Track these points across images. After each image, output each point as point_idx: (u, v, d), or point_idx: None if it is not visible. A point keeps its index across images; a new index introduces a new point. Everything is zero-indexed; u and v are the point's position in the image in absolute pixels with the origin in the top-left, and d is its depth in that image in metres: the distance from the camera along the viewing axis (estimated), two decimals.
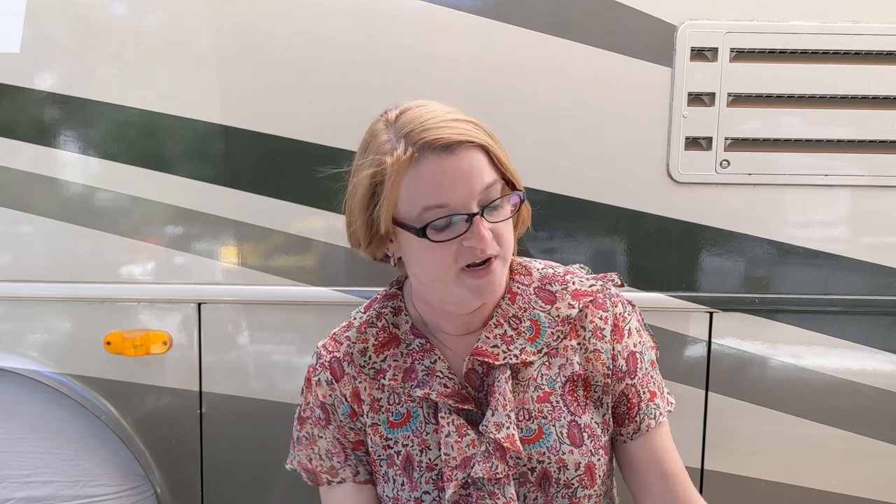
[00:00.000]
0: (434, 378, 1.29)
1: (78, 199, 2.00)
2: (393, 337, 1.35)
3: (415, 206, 1.18)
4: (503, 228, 1.22)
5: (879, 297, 2.01)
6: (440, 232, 1.18)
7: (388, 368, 1.32)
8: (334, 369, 1.34)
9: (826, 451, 2.07)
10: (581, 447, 1.31)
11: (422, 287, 1.30)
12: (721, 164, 1.95)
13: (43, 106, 1.98)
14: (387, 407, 1.32)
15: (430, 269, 1.23)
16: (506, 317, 1.32)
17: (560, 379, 1.31)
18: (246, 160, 1.99)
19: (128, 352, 2.00)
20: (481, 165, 1.20)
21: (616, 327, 1.34)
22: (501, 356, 1.28)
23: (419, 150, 1.17)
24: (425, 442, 1.30)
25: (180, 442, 2.07)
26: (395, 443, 1.31)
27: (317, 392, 1.35)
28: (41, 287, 2.02)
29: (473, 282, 1.21)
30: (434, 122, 1.19)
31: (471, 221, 1.18)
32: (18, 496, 2.09)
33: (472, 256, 1.19)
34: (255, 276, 2.01)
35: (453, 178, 1.17)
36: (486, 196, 1.19)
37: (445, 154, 1.17)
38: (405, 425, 1.31)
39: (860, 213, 2.00)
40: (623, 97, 1.94)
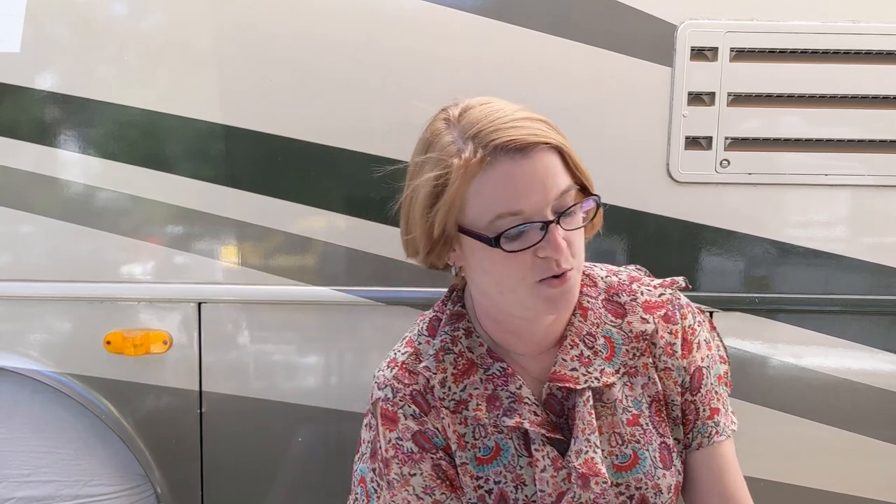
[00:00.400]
0: (522, 405, 1.19)
1: (78, 198, 2.00)
2: (470, 363, 1.23)
3: (485, 213, 1.10)
4: (576, 236, 1.14)
5: (880, 296, 2.00)
6: (513, 241, 1.09)
7: (469, 398, 1.21)
8: (419, 402, 1.22)
9: (826, 451, 2.07)
10: (671, 469, 1.25)
11: (489, 301, 1.22)
12: (721, 163, 1.95)
13: (43, 105, 1.98)
14: (472, 442, 1.21)
15: (501, 281, 1.14)
16: (580, 335, 1.24)
17: (645, 399, 1.25)
18: (246, 160, 1.98)
19: (128, 351, 2.00)
20: (556, 169, 1.12)
21: (685, 342, 1.26)
22: (582, 380, 1.20)
23: (490, 152, 1.09)
24: (520, 477, 1.20)
25: (180, 441, 2.07)
26: (486, 480, 1.21)
27: (407, 424, 1.22)
28: (41, 286, 2.01)
29: (549, 292, 1.12)
30: (504, 122, 1.11)
31: (546, 230, 1.09)
32: (19, 495, 2.09)
33: (548, 270, 1.11)
34: (256, 275, 2.01)
35: (528, 183, 1.09)
36: (561, 202, 1.11)
37: (519, 157, 1.09)
38: (495, 460, 1.21)
39: (860, 212, 2.00)
40: (623, 97, 1.94)
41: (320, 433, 2.05)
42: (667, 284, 1.31)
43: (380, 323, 2.01)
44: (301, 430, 2.05)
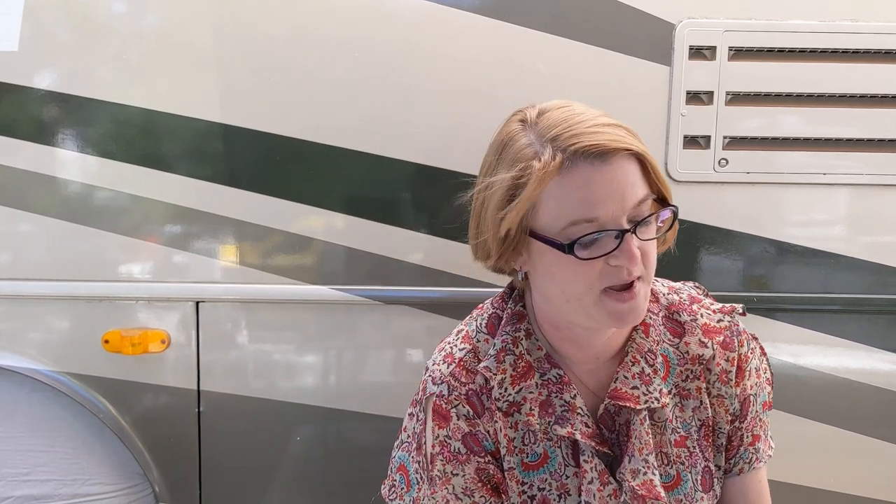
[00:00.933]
0: (575, 416, 1.19)
1: (77, 197, 2.00)
2: (529, 367, 1.21)
3: (560, 218, 1.08)
4: (650, 249, 1.13)
5: (878, 295, 2.00)
6: (586, 248, 1.08)
7: (522, 402, 1.20)
8: (473, 403, 1.21)
9: (824, 450, 2.07)
10: (709, 493, 1.25)
11: (552, 307, 1.20)
12: (719, 162, 1.95)
13: (42, 104, 1.98)
14: (521, 447, 1.20)
15: (567, 289, 1.12)
16: (641, 352, 1.22)
17: (695, 423, 1.24)
18: (245, 159, 1.98)
19: (126, 350, 2.00)
20: (635, 177, 1.09)
21: (739, 369, 1.25)
22: (642, 399, 1.19)
23: (570, 157, 1.07)
24: (564, 486, 1.20)
25: (178, 440, 2.07)
26: (531, 486, 1.20)
27: (458, 424, 1.20)
28: (40, 285, 2.01)
29: (616, 306, 1.11)
30: (585, 127, 1.09)
31: (621, 238, 1.07)
32: (17, 494, 2.09)
33: (618, 277, 1.09)
34: (254, 274, 2.01)
35: (606, 190, 1.07)
36: (637, 211, 1.09)
37: (599, 163, 1.07)
38: (542, 467, 1.20)
39: (859, 211, 2.00)
40: (621, 96, 1.94)
41: (319, 432, 2.05)
42: (727, 311, 1.29)
43: (378, 322, 2.01)
44: (299, 430, 2.05)
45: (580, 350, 1.22)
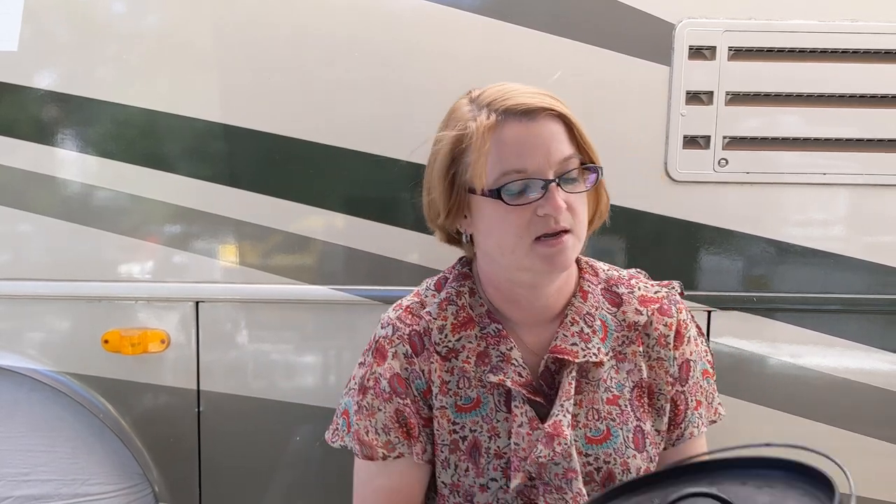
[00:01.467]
0: (509, 365, 1.28)
1: (76, 197, 2.00)
2: (469, 318, 1.32)
3: (493, 171, 1.20)
4: (577, 204, 1.23)
5: (877, 295, 2.01)
6: (515, 196, 1.20)
7: (461, 349, 1.30)
8: (414, 343, 1.32)
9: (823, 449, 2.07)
10: (643, 452, 1.32)
11: (493, 266, 1.30)
12: (719, 162, 1.95)
13: (41, 104, 1.98)
14: (455, 390, 1.30)
15: (503, 242, 1.23)
16: (580, 314, 1.32)
17: (629, 384, 1.32)
18: (244, 159, 1.99)
19: (126, 350, 2.00)
20: (561, 136, 1.22)
21: (678, 334, 1.35)
22: (581, 354, 1.28)
23: (501, 114, 1.20)
24: (495, 429, 1.28)
25: (178, 440, 2.07)
26: (462, 427, 1.29)
27: (392, 364, 1.31)
28: (39, 285, 2.01)
29: (546, 250, 1.21)
30: (517, 93, 1.23)
31: (546, 188, 1.19)
32: (17, 494, 2.09)
33: (546, 226, 1.20)
34: (253, 274, 2.01)
35: (533, 144, 1.20)
36: (563, 167, 1.21)
37: (526, 120, 1.20)
38: (474, 410, 1.29)
39: (859, 211, 2.00)
40: (621, 96, 1.94)
41: (318, 432, 2.04)
42: (664, 285, 1.40)
43: (377, 322, 2.01)
44: (299, 429, 2.05)
45: (520, 310, 1.32)
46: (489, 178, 1.21)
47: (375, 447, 1.30)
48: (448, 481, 1.30)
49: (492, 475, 1.27)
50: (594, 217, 1.35)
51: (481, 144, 1.20)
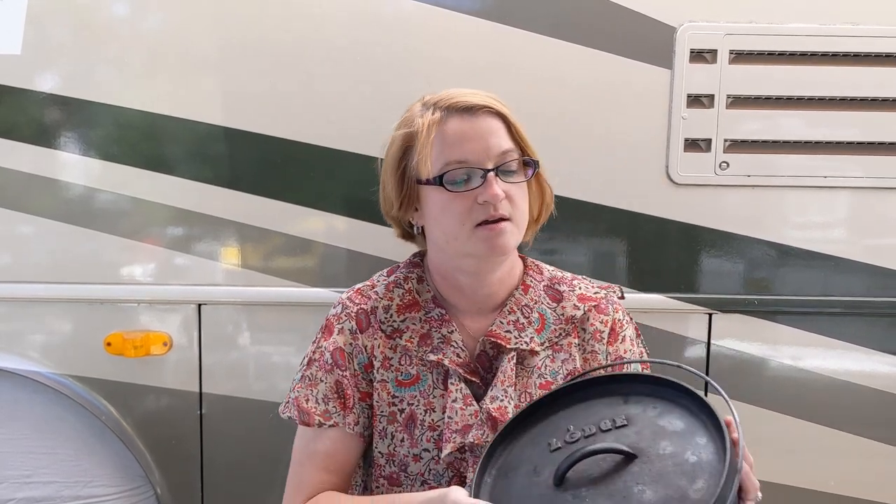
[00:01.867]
0: (449, 347, 1.38)
1: (79, 200, 2.00)
2: (415, 301, 1.42)
3: (438, 162, 1.31)
4: (516, 195, 1.33)
5: (878, 298, 2.01)
6: (457, 185, 1.30)
7: (405, 330, 1.40)
8: (360, 320, 1.41)
9: (824, 452, 2.07)
10: None
11: (440, 254, 1.40)
12: (720, 165, 1.96)
13: (44, 107, 1.99)
14: (397, 366, 1.39)
15: (448, 229, 1.33)
16: (519, 305, 1.42)
17: (562, 372, 1.40)
18: (246, 162, 1.99)
19: (128, 353, 2.01)
20: (500, 132, 1.33)
21: (613, 331, 1.44)
22: (513, 341, 1.38)
23: (444, 111, 1.32)
24: (431, 404, 1.37)
25: (180, 443, 2.07)
26: (401, 401, 1.38)
27: (337, 339, 1.41)
28: (42, 288, 2.02)
29: (485, 234, 1.30)
30: (461, 94, 1.34)
31: (485, 178, 1.29)
32: (19, 496, 2.10)
33: (485, 213, 1.29)
34: (255, 277, 2.02)
35: (473, 137, 1.30)
36: (501, 159, 1.31)
37: (468, 116, 1.31)
38: (413, 385, 1.39)
39: (859, 214, 2.01)
40: (623, 99, 1.95)
41: None
42: (604, 287, 1.49)
43: None
44: None
45: (464, 298, 1.41)
46: (433, 168, 1.32)
47: (313, 414, 1.39)
48: (384, 451, 1.39)
49: (425, 446, 1.37)
50: (541, 210, 1.45)
51: (427, 137, 1.32)
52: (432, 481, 1.37)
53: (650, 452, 1.15)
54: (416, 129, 1.34)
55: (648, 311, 2.00)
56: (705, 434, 1.15)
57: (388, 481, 1.40)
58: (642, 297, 1.98)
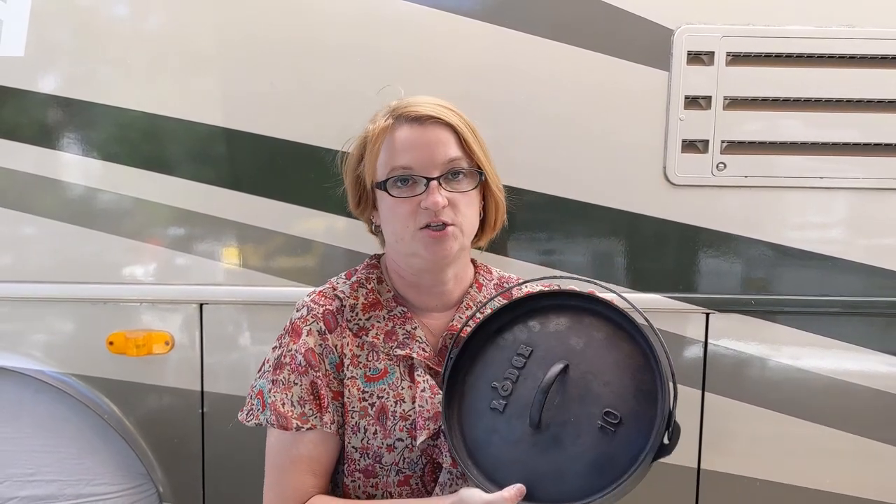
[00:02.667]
0: (414, 342, 1.43)
1: (81, 200, 2.02)
2: (377, 301, 1.47)
3: (386, 167, 1.38)
4: (461, 202, 1.38)
5: (876, 298, 2.02)
6: (400, 190, 1.36)
7: (371, 327, 1.44)
8: (328, 321, 1.44)
9: (822, 451, 2.08)
10: None
11: (393, 253, 1.47)
12: (717, 166, 1.97)
13: (46, 108, 2.00)
14: (365, 363, 1.43)
15: (396, 229, 1.39)
16: (474, 301, 1.49)
17: None
18: (248, 162, 2.01)
19: (130, 352, 2.02)
20: (448, 141, 1.37)
21: None
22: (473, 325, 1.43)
23: (396, 119, 1.39)
24: (400, 395, 1.42)
25: (182, 441, 2.09)
26: (371, 395, 1.42)
27: (306, 341, 1.42)
28: (45, 287, 2.04)
29: (428, 239, 1.36)
30: (416, 102, 1.40)
31: (428, 185, 1.35)
32: (22, 495, 2.11)
33: (428, 217, 1.35)
34: (257, 277, 2.03)
35: (419, 145, 1.36)
36: (447, 168, 1.36)
37: (417, 125, 1.37)
38: (382, 380, 1.43)
39: (856, 215, 2.02)
40: (620, 100, 1.96)
41: None
42: (547, 286, 1.54)
43: None
44: None
45: (422, 297, 1.48)
46: (380, 173, 1.38)
47: (290, 418, 1.41)
48: (358, 445, 1.42)
49: (398, 435, 1.40)
50: (496, 218, 1.50)
51: (374, 143, 1.39)
52: (407, 470, 1.41)
53: (572, 353, 1.30)
54: (368, 134, 1.41)
55: (646, 311, 2.00)
56: (587, 315, 1.33)
57: (363, 474, 1.43)
58: (640, 296, 1.99)
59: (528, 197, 1.97)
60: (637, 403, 1.22)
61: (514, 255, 2.00)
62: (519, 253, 2.01)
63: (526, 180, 1.97)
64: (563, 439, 1.25)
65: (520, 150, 1.97)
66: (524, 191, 1.97)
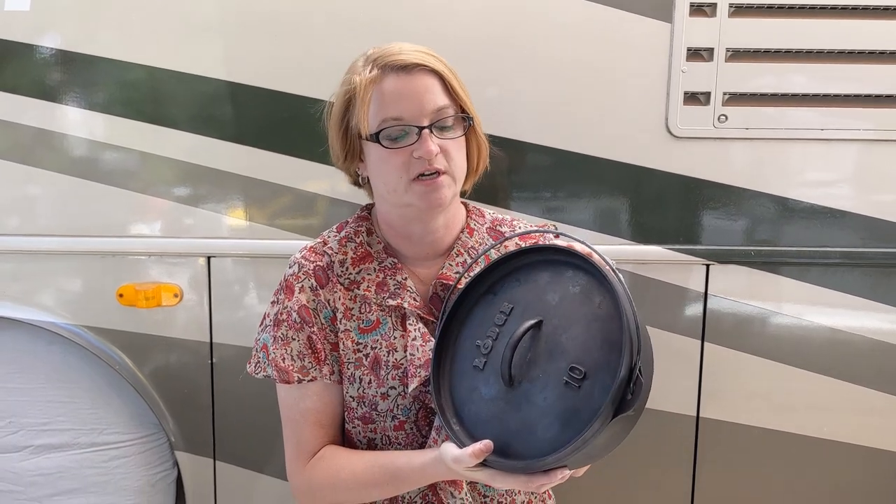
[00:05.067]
0: (405, 291, 1.46)
1: (89, 154, 2.04)
2: (367, 253, 1.49)
3: (375, 119, 1.37)
4: (452, 149, 1.39)
5: (877, 249, 2.04)
6: (393, 141, 1.37)
7: (362, 280, 1.47)
8: (319, 277, 1.47)
9: (821, 401, 2.12)
10: None
11: (384, 204, 1.48)
12: (719, 118, 1.98)
13: (52, 63, 2.01)
14: (358, 315, 1.46)
15: (387, 181, 1.40)
16: (465, 247, 1.51)
17: None
18: (255, 117, 2.02)
19: (140, 304, 2.06)
20: (435, 89, 1.38)
21: None
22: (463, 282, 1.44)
23: (382, 69, 1.37)
24: (392, 345, 1.45)
25: (192, 392, 2.13)
26: (365, 346, 1.46)
27: (299, 298, 1.46)
28: (55, 241, 2.06)
29: (422, 188, 1.37)
30: (399, 50, 1.39)
31: (420, 134, 1.35)
32: (37, 443, 2.16)
33: (421, 166, 1.36)
34: (263, 230, 2.06)
35: (408, 94, 1.36)
36: (437, 116, 1.37)
37: (403, 74, 1.37)
38: (375, 331, 1.46)
39: (858, 167, 2.03)
40: (623, 52, 1.96)
41: None
42: (540, 226, 1.56)
43: None
44: None
45: (412, 246, 1.49)
46: (371, 125, 1.38)
47: (291, 372, 1.46)
48: (355, 394, 1.46)
49: (391, 384, 1.44)
50: (479, 162, 1.50)
51: (364, 95, 1.37)
52: (401, 416, 1.45)
53: (547, 309, 1.29)
54: (355, 86, 1.39)
55: (647, 263, 2.03)
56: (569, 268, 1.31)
57: (361, 421, 1.47)
58: (641, 248, 2.02)
59: (528, 150, 1.99)
60: (602, 356, 1.21)
61: (515, 208, 2.02)
62: (519, 206, 2.03)
63: (527, 133, 1.98)
64: (533, 396, 1.25)
65: (521, 103, 1.98)
66: (525, 143, 1.98)
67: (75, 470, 2.17)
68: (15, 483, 2.17)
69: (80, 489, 2.18)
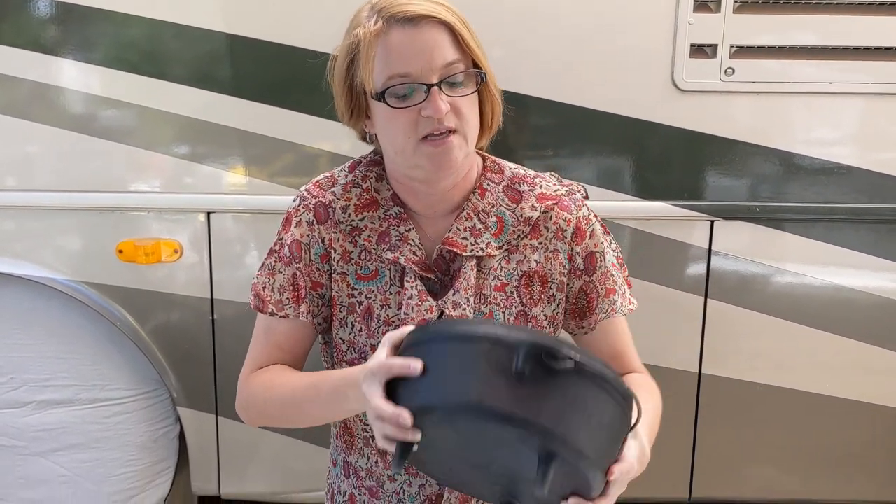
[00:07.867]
0: (406, 245, 1.38)
1: (89, 109, 2.02)
2: (373, 200, 1.41)
3: (381, 75, 1.27)
4: (464, 106, 1.30)
5: (882, 205, 2.03)
6: (400, 100, 1.27)
7: (364, 228, 1.40)
8: (318, 212, 1.41)
9: (824, 357, 2.12)
10: None
11: (391, 163, 1.40)
12: (726, 71, 1.95)
13: (51, 15, 1.99)
14: (356, 261, 1.41)
15: (395, 140, 1.31)
16: (475, 210, 1.41)
17: (517, 273, 1.41)
18: (256, 71, 2.00)
19: (140, 259, 2.05)
20: (444, 43, 1.27)
21: (578, 229, 1.42)
22: (469, 248, 1.38)
23: (387, 20, 1.26)
24: (387, 300, 1.39)
25: (193, 347, 2.14)
26: (360, 294, 1.40)
27: (294, 231, 1.41)
28: (55, 196, 2.05)
29: (431, 149, 1.28)
30: (405, 0, 1.28)
31: (429, 92, 1.26)
32: (39, 399, 2.17)
33: (431, 125, 1.27)
34: (263, 186, 2.04)
35: (415, 49, 1.26)
36: (447, 71, 1.27)
37: (410, 27, 1.26)
38: (372, 280, 1.40)
39: (866, 121, 2.01)
40: (628, 3, 1.93)
41: None
42: (566, 185, 1.47)
43: None
44: None
45: (419, 202, 1.40)
46: (376, 83, 1.28)
47: (267, 303, 1.42)
48: (345, 338, 1.42)
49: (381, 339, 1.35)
50: (493, 117, 1.40)
51: (369, 50, 1.27)
52: None
53: None
54: (359, 40, 1.29)
55: (651, 219, 2.02)
56: None
57: (349, 365, 1.43)
58: (645, 204, 2.00)
59: (533, 104, 1.96)
60: None
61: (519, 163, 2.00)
62: (523, 161, 2.00)
63: (531, 87, 1.96)
64: None
65: (524, 56, 1.95)
66: (529, 97, 1.96)
67: (78, 425, 2.18)
68: (18, 438, 2.18)
69: (83, 444, 2.19)
